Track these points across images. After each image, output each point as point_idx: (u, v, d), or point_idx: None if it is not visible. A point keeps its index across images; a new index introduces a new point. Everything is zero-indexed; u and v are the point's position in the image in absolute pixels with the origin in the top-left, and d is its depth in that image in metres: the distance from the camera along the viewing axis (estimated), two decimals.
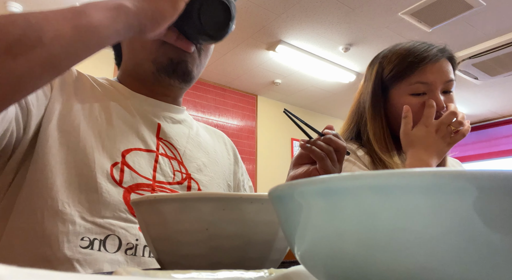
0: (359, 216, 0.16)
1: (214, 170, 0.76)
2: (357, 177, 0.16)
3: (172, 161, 0.69)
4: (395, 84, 0.92)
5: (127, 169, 0.62)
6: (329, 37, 3.24)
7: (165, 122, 0.73)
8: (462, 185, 0.14)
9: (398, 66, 0.90)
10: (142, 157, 0.65)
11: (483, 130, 5.26)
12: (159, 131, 0.71)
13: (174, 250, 0.32)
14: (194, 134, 0.78)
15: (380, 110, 0.93)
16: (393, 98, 0.92)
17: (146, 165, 0.65)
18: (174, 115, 0.76)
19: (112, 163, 0.61)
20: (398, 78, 0.91)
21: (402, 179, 0.15)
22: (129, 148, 0.64)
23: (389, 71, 0.92)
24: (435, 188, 0.15)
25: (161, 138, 0.70)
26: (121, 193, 0.59)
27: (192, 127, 0.79)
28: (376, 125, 0.93)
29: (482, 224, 0.14)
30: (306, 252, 0.20)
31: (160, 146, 0.69)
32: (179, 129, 0.75)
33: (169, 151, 0.70)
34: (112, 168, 0.60)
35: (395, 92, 0.92)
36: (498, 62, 3.41)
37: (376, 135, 0.92)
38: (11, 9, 2.76)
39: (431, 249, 0.15)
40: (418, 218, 0.15)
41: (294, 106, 4.85)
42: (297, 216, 0.19)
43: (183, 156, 0.71)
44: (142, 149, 0.66)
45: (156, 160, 0.66)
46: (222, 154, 0.83)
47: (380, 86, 0.94)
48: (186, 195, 0.31)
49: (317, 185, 0.18)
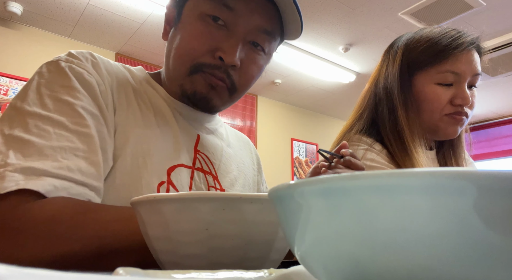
0: (359, 216, 0.16)
1: (243, 183, 0.74)
2: (357, 177, 0.16)
3: (207, 175, 0.66)
4: (421, 71, 0.83)
5: (172, 188, 0.59)
6: (329, 37, 3.24)
7: (203, 133, 0.70)
8: (462, 185, 0.14)
9: (429, 50, 0.81)
10: (183, 173, 0.62)
11: (483, 130, 5.26)
12: (197, 143, 0.68)
13: (173, 250, 0.32)
14: (226, 146, 0.75)
15: (410, 96, 0.84)
16: (418, 86, 0.83)
17: (185, 182, 0.62)
18: (209, 125, 0.73)
19: (159, 182, 0.58)
20: (426, 64, 0.81)
21: (402, 178, 0.15)
22: (173, 165, 0.61)
23: (417, 56, 0.83)
24: (435, 188, 0.15)
25: (199, 151, 0.67)
26: None
27: (223, 137, 0.76)
28: (410, 113, 0.83)
29: (482, 224, 0.14)
30: (306, 252, 0.20)
31: (197, 160, 0.66)
32: (214, 140, 0.72)
33: (205, 165, 0.67)
34: (159, 188, 0.57)
35: (420, 79, 0.83)
36: (498, 62, 3.41)
37: (411, 123, 0.82)
38: (11, 9, 2.76)
39: (431, 249, 0.15)
40: (418, 218, 0.15)
41: (294, 106, 4.85)
42: (297, 216, 0.19)
43: (218, 171, 0.69)
44: (184, 165, 0.63)
45: (191, 177, 0.63)
46: (248, 165, 0.81)
47: (407, 71, 0.84)
48: (186, 194, 0.31)
49: (317, 185, 0.18)
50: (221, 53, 0.60)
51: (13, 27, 3.01)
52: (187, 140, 0.66)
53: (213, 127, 0.74)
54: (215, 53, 0.61)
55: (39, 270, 0.13)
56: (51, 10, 2.88)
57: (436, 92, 0.81)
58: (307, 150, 4.90)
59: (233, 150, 0.76)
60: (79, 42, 3.31)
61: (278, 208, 0.21)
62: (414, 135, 0.82)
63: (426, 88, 0.82)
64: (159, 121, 0.63)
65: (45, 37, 3.14)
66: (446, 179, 0.15)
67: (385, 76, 0.88)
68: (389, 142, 0.84)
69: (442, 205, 0.15)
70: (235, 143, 0.80)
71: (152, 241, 0.34)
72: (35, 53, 3.06)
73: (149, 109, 0.64)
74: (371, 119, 0.89)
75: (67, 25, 3.07)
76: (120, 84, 0.62)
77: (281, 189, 0.20)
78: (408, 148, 0.81)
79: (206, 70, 0.61)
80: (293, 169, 4.69)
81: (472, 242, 0.15)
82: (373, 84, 0.91)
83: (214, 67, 0.61)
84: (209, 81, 0.62)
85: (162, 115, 0.65)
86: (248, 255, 0.33)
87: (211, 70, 0.61)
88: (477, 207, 0.14)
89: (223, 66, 0.61)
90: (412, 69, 0.84)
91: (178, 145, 0.63)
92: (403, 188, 0.15)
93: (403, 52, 0.86)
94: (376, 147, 0.84)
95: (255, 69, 0.66)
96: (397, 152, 0.82)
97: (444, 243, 0.15)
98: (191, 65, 0.61)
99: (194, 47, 0.61)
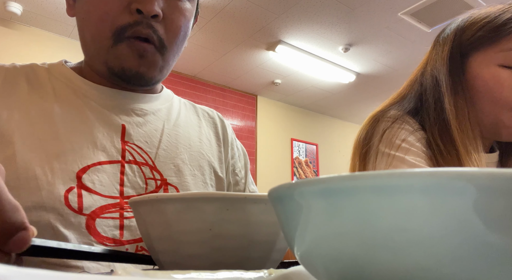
0: (358, 216, 0.16)
1: (198, 164, 0.65)
2: (356, 177, 0.16)
3: (143, 167, 0.58)
4: (478, 51, 0.67)
5: (86, 193, 0.51)
6: (328, 37, 3.24)
7: (132, 120, 0.61)
8: (462, 185, 0.14)
9: (487, 26, 0.66)
10: (104, 172, 0.54)
11: None
12: (124, 134, 0.59)
13: (175, 250, 0.32)
14: (170, 127, 0.65)
15: (461, 81, 0.68)
16: (473, 69, 0.67)
17: (110, 181, 0.54)
18: (145, 105, 0.63)
19: (66, 188, 0.50)
20: (485, 42, 0.66)
21: (402, 179, 0.15)
22: (85, 166, 0.53)
23: (473, 34, 0.68)
24: (435, 188, 0.15)
25: (127, 142, 0.59)
26: (83, 222, 0.49)
27: (169, 117, 0.66)
28: (458, 100, 0.66)
29: (482, 224, 0.14)
30: (306, 252, 0.20)
31: (126, 151, 0.58)
32: (149, 125, 0.62)
33: (139, 156, 0.58)
34: (67, 195, 0.49)
35: (478, 61, 0.67)
36: None
37: (462, 115, 0.65)
38: (11, 9, 2.76)
39: (431, 249, 0.15)
40: (417, 218, 0.15)
41: (294, 106, 4.85)
42: (297, 216, 0.19)
43: (155, 159, 0.60)
44: (103, 161, 0.54)
45: (122, 172, 0.55)
46: (209, 139, 0.70)
47: (459, 52, 0.69)
48: (190, 194, 0.31)
49: (317, 185, 0.18)
50: (137, 4, 0.53)
51: (13, 27, 3.02)
52: (108, 132, 0.57)
53: (154, 108, 0.65)
54: (131, 8, 0.54)
55: (39, 270, 0.13)
56: (51, 10, 2.88)
57: (498, 76, 0.64)
58: (307, 150, 4.90)
59: (182, 130, 0.67)
60: (79, 42, 3.31)
61: (278, 208, 0.21)
62: (465, 131, 0.65)
63: (484, 71, 0.66)
64: (61, 120, 0.55)
65: (45, 37, 3.15)
66: (446, 179, 0.15)
67: (433, 62, 0.72)
68: (433, 138, 0.66)
69: (442, 205, 0.15)
70: (188, 120, 0.70)
71: (153, 241, 0.34)
72: (35, 53, 3.06)
73: (48, 107, 0.55)
74: (414, 109, 0.72)
75: (67, 25, 3.07)
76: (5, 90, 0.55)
77: (281, 189, 0.20)
78: (456, 145, 0.64)
79: (129, 35, 0.54)
80: (293, 169, 4.69)
81: (472, 242, 0.15)
82: (420, 72, 0.75)
83: (135, 24, 0.54)
84: (136, 49, 0.55)
85: (67, 111, 0.56)
86: (251, 255, 0.33)
87: (133, 29, 0.54)
88: (477, 207, 0.14)
89: (144, 20, 0.54)
90: (466, 50, 0.69)
91: (92, 142, 0.55)
92: (403, 188, 0.15)
93: (455, 33, 0.70)
94: (418, 134, 0.67)
95: (181, 18, 0.58)
96: (442, 149, 0.65)
97: (444, 243, 0.15)
98: (112, 33, 0.54)
99: (106, 10, 0.54)
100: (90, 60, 0.61)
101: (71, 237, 0.48)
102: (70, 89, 0.59)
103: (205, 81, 4.14)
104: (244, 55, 3.59)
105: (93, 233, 0.50)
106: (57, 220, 0.48)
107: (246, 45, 3.40)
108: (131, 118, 0.61)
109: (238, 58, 3.66)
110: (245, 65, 3.80)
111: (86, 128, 0.56)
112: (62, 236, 0.48)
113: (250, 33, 3.19)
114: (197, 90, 4.05)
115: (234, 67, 3.85)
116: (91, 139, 0.55)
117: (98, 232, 0.50)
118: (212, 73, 3.98)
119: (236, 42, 3.35)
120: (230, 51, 3.51)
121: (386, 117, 0.70)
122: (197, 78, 4.07)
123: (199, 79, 4.08)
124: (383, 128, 0.69)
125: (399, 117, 0.69)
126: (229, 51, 3.50)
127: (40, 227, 0.44)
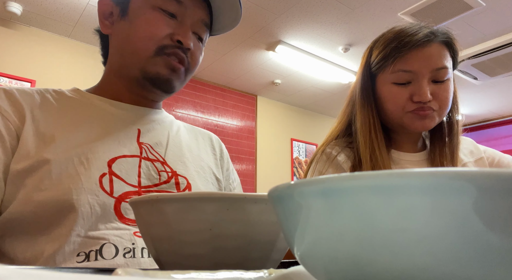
0: (358, 216, 0.16)
1: (199, 164, 0.77)
2: (356, 177, 0.16)
3: (155, 163, 0.70)
4: (380, 72, 0.86)
5: (115, 178, 0.62)
6: (328, 38, 3.24)
7: (145, 127, 0.74)
8: (462, 185, 0.14)
9: (383, 52, 0.83)
10: (127, 164, 0.65)
11: (483, 131, 5.26)
12: (139, 136, 0.72)
13: (176, 250, 0.32)
14: (174, 135, 0.79)
15: (370, 97, 0.87)
16: (378, 87, 0.87)
17: (131, 172, 0.65)
18: (153, 117, 0.78)
19: (100, 174, 0.61)
20: (382, 65, 0.84)
21: (401, 179, 0.15)
22: (114, 157, 0.64)
23: (375, 57, 0.86)
24: (435, 188, 0.15)
25: (142, 142, 0.71)
26: (112, 204, 0.60)
27: (172, 128, 0.80)
28: (364, 114, 0.86)
29: (482, 224, 0.14)
30: (306, 252, 0.20)
31: (143, 150, 0.70)
32: (158, 130, 0.76)
33: (151, 154, 0.71)
34: (101, 179, 0.61)
35: (380, 80, 0.86)
36: (497, 63, 3.41)
37: (363, 125, 0.86)
38: (11, 9, 2.76)
39: (430, 249, 0.15)
40: (417, 218, 0.15)
41: (294, 107, 4.85)
42: (297, 216, 0.19)
43: (165, 156, 0.72)
44: (126, 155, 0.66)
45: (139, 165, 0.67)
46: (206, 149, 0.84)
47: (369, 73, 0.88)
48: (190, 194, 0.31)
49: (317, 185, 0.18)
50: (179, 37, 0.69)
51: (13, 27, 3.01)
52: (128, 134, 0.70)
53: (159, 119, 0.79)
54: (173, 37, 0.69)
55: (39, 270, 0.13)
56: (51, 10, 2.88)
57: (392, 92, 0.83)
58: (307, 150, 4.90)
59: (183, 138, 0.80)
60: (79, 42, 3.31)
61: (277, 208, 0.21)
62: (369, 141, 0.84)
63: (383, 88, 0.85)
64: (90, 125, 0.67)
65: (44, 37, 3.14)
66: (446, 179, 0.15)
67: (356, 80, 0.93)
68: (356, 143, 0.87)
69: (442, 205, 0.15)
70: (186, 134, 0.83)
71: (153, 241, 0.34)
72: (35, 53, 3.05)
73: (82, 120, 0.68)
74: (349, 123, 0.94)
75: (67, 25, 3.07)
76: (38, 107, 0.66)
77: (281, 189, 0.20)
78: (369, 148, 0.84)
79: (168, 52, 0.69)
80: (293, 169, 4.69)
81: (472, 242, 0.15)
82: (351, 90, 0.96)
83: (175, 47, 0.70)
84: (170, 64, 0.70)
85: (97, 121, 0.69)
86: (251, 255, 0.33)
87: (172, 50, 0.69)
88: (477, 207, 0.14)
89: (181, 48, 0.70)
90: (374, 70, 0.88)
91: (117, 140, 0.67)
92: (403, 188, 0.15)
93: (367, 55, 0.90)
94: (339, 158, 0.88)
95: (199, 56, 0.77)
96: (361, 153, 0.85)
97: (443, 243, 0.15)
98: (155, 47, 0.69)
99: (154, 32, 0.69)
100: (121, 68, 0.73)
101: (100, 214, 0.58)
102: (90, 103, 0.72)
103: (205, 81, 4.14)
104: (244, 55, 3.59)
105: (118, 214, 0.60)
106: (94, 200, 0.58)
107: (246, 45, 3.40)
108: (143, 125, 0.74)
109: (238, 58, 3.66)
110: (245, 65, 3.80)
111: (111, 130, 0.69)
112: (96, 213, 0.58)
113: (250, 33, 3.19)
114: (197, 90, 4.05)
115: (234, 67, 3.85)
116: (115, 138, 0.68)
117: (122, 214, 0.61)
118: (212, 73, 3.98)
119: (236, 42, 3.35)
120: (230, 51, 3.51)
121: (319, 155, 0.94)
122: (197, 78, 4.07)
123: (199, 79, 4.08)
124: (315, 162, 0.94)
125: (331, 145, 0.93)
126: (229, 51, 3.50)
127: (80, 205, 0.56)
